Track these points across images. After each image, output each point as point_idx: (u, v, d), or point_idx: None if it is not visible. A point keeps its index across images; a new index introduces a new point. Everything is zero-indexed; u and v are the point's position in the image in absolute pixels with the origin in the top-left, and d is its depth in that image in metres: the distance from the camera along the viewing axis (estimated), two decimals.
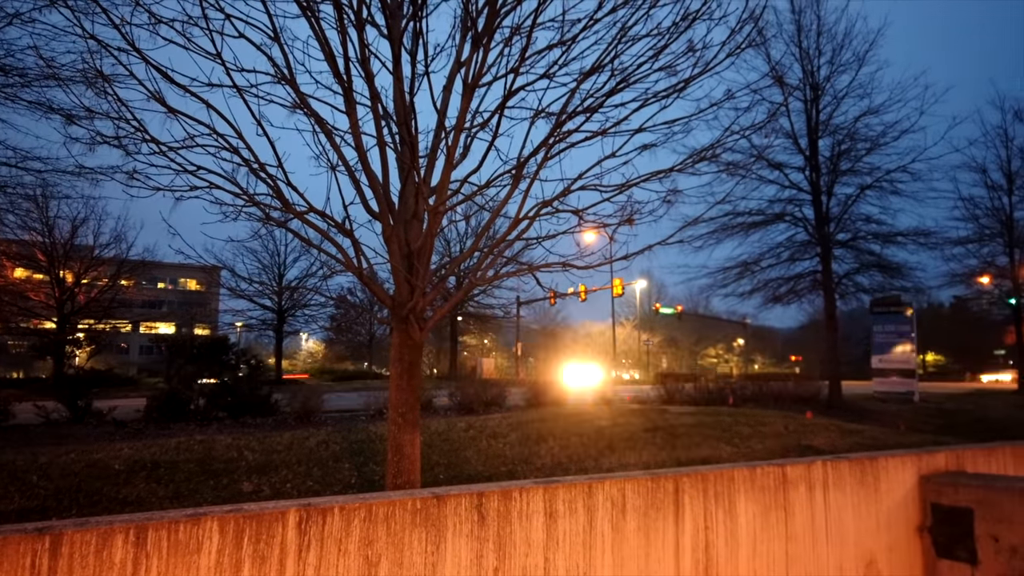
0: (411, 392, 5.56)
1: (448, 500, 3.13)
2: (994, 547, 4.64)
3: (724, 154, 6.51)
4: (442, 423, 11.95)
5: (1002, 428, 20.75)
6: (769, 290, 24.47)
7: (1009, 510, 4.59)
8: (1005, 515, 4.61)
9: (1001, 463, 5.87)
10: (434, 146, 5.69)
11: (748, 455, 10.90)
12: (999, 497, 4.66)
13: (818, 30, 22.82)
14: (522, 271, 6.23)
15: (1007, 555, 4.57)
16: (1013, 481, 4.94)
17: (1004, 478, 5.24)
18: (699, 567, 3.85)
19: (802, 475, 4.44)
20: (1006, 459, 5.93)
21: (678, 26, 5.38)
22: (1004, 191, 25.37)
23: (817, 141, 23.05)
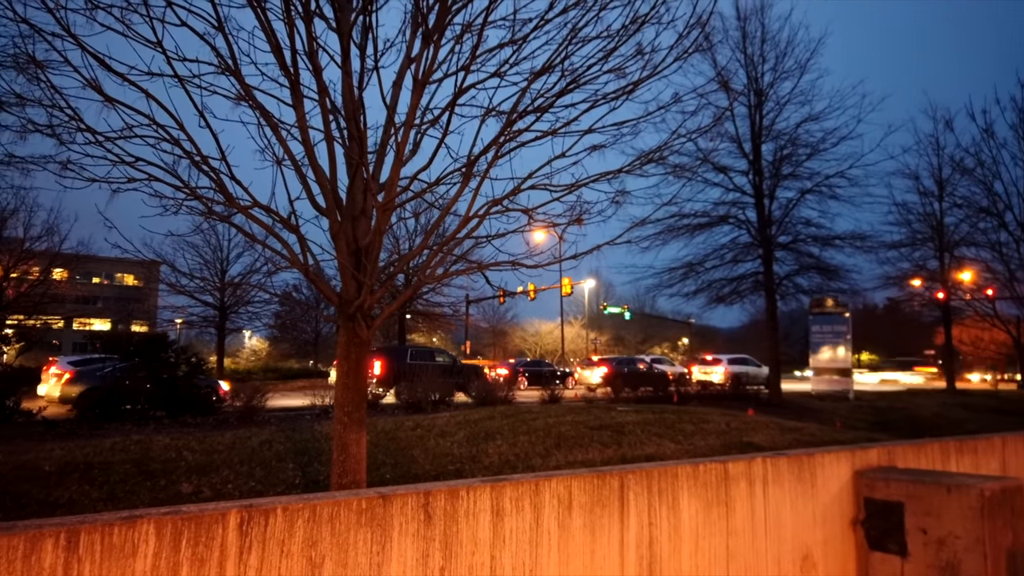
0: (357, 391, 5.50)
1: (394, 499, 3.10)
2: (923, 539, 4.83)
3: (671, 156, 6.63)
4: (389, 422, 11.85)
5: (931, 425, 21.67)
6: (713, 290, 24.99)
7: (937, 504, 4.79)
8: (933, 509, 4.81)
9: (930, 458, 6.13)
10: (383, 142, 5.64)
11: (691, 452, 11.12)
12: (927, 491, 4.86)
13: (762, 37, 23.42)
14: (472, 269, 6.22)
15: (935, 547, 4.77)
16: (941, 476, 5.16)
17: (932, 473, 5.47)
18: (643, 563, 3.91)
19: (743, 471, 4.55)
20: (934, 455, 6.19)
21: (627, 29, 5.45)
22: (935, 197, 26.45)
23: (760, 146, 23.65)
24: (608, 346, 71.62)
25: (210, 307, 36.46)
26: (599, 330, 70.34)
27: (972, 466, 6.53)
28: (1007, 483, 4.93)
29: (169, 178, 4.91)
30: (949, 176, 25.51)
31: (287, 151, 5.27)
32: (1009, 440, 7.17)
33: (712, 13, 5.68)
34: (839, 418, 20.69)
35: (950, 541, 4.69)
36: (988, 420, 23.83)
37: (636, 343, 73.75)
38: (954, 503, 4.71)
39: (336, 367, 5.63)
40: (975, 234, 19.70)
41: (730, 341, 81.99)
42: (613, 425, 12.25)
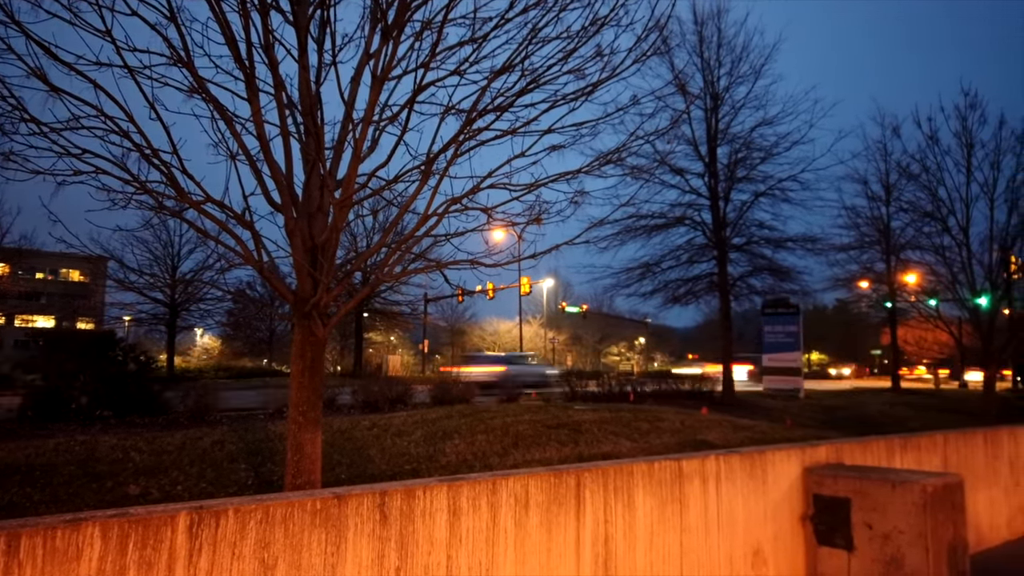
0: (313, 390, 5.42)
1: (350, 500, 3.07)
2: (868, 534, 4.98)
3: (629, 158, 6.70)
4: (345, 421, 11.72)
5: (877, 423, 22.34)
6: (669, 291, 25.33)
7: (882, 500, 4.94)
8: (879, 504, 4.96)
9: (875, 455, 6.31)
10: (341, 138, 5.57)
11: (647, 450, 11.26)
12: (873, 487, 5.01)
13: (719, 42, 23.82)
14: (430, 268, 6.19)
15: (880, 541, 4.91)
16: (886, 472, 5.32)
17: (878, 470, 5.63)
18: (599, 560, 3.94)
19: (697, 469, 4.62)
20: (880, 452, 6.38)
21: (587, 30, 5.48)
22: (883, 202, 27.28)
23: (716, 149, 24.05)
24: (566, 345, 72.08)
25: (160, 304, 35.58)
26: (557, 329, 70.71)
27: (915, 463, 6.74)
28: (948, 479, 5.11)
29: (118, 171, 4.77)
30: (896, 181, 26.32)
31: (241, 146, 5.17)
32: (950, 437, 7.43)
33: (670, 17, 5.75)
34: (790, 416, 21.18)
35: (894, 536, 4.84)
36: (931, 418, 24.66)
37: (594, 342, 74.37)
38: (898, 499, 4.86)
39: (291, 366, 5.55)
40: (920, 238, 20.37)
41: (685, 341, 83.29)
42: (570, 424, 12.33)
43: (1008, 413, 24.30)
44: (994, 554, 7.30)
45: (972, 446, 7.69)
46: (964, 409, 27.62)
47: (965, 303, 18.55)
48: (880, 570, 4.86)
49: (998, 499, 7.91)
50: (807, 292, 28.28)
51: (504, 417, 12.57)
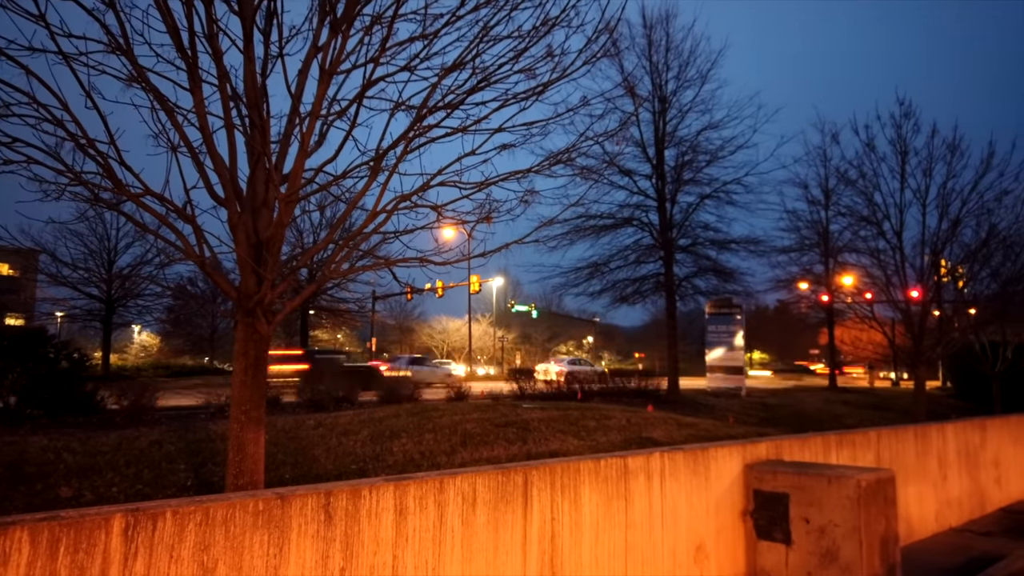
0: (256, 388, 5.31)
1: (293, 500, 3.02)
2: (805, 528, 5.13)
3: (579, 158, 6.75)
4: (290, 421, 11.51)
5: (815, 420, 23.05)
6: (617, 290, 25.64)
7: (819, 495, 5.10)
8: (815, 499, 5.12)
9: (813, 452, 6.51)
10: (287, 132, 5.46)
11: (594, 448, 11.37)
12: (811, 483, 5.16)
13: (667, 46, 24.20)
14: (378, 265, 6.13)
15: (816, 535, 5.07)
16: (823, 468, 5.50)
17: (815, 465, 5.81)
18: (545, 557, 3.97)
19: (642, 466, 4.69)
20: (817, 448, 6.59)
21: (538, 30, 5.50)
22: (822, 206, 28.18)
23: (663, 151, 24.44)
24: (515, 344, 72.30)
25: (95, 300, 34.33)
26: (507, 328, 70.87)
27: (850, 458, 6.98)
28: (881, 474, 5.30)
29: (51, 161, 4.58)
30: (835, 186, 27.20)
31: (183, 137, 5.02)
32: (883, 434, 7.72)
33: (620, 20, 5.82)
34: (732, 414, 21.69)
35: (830, 529, 5.00)
36: (866, 415, 25.59)
37: (543, 341, 74.78)
38: (834, 493, 5.03)
39: (234, 364, 5.42)
40: (857, 241, 21.03)
41: (632, 340, 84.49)
42: (519, 422, 12.37)
43: (937, 411, 25.39)
44: (923, 546, 7.61)
45: (903, 442, 8.00)
46: (896, 407, 28.76)
47: (898, 305, 19.28)
48: (816, 563, 5.02)
49: (927, 493, 8.25)
50: (749, 293, 29.04)
51: (452, 416, 12.53)
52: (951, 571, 6.56)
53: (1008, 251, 19.40)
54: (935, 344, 19.02)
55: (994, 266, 19.62)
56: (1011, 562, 6.48)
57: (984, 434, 9.85)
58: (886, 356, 41.85)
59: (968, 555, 7.16)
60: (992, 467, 9.88)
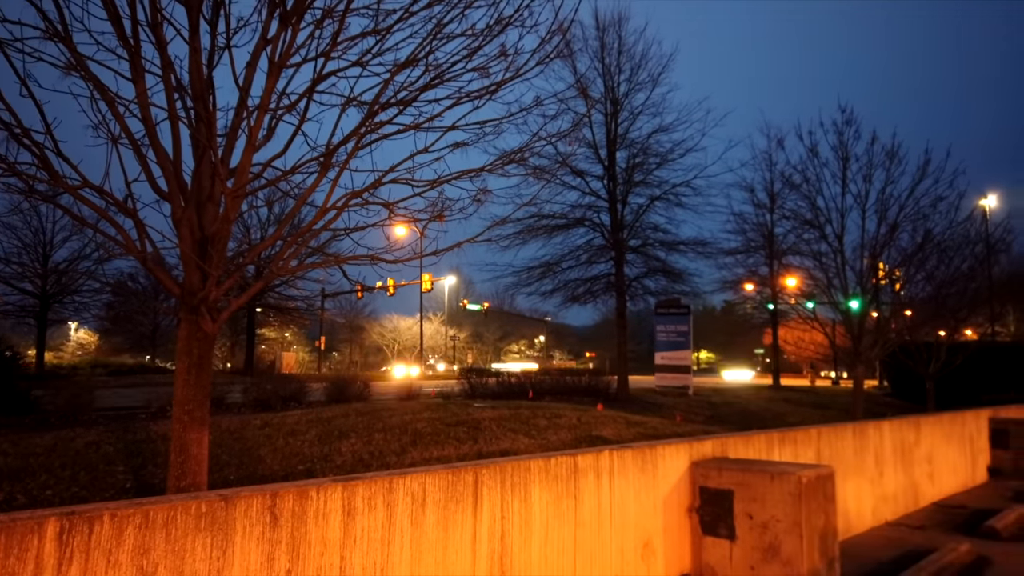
0: (200, 388, 5.17)
1: (238, 502, 2.95)
2: (749, 523, 5.25)
3: (532, 158, 6.78)
4: (235, 421, 11.26)
5: (759, 418, 23.63)
6: (569, 290, 25.84)
7: (762, 491, 5.23)
8: (758, 495, 5.24)
9: (757, 449, 6.67)
10: (234, 125, 5.33)
11: (544, 446, 11.43)
12: (754, 479, 5.28)
13: (619, 49, 24.49)
14: (328, 263, 6.05)
15: (759, 530, 5.19)
16: (766, 465, 5.63)
17: (759, 462, 5.95)
18: (494, 556, 3.97)
19: (591, 464, 4.73)
20: (761, 445, 6.75)
21: (492, 29, 5.50)
22: (767, 209, 28.82)
23: (615, 153, 24.73)
24: (467, 343, 72.18)
25: (29, 296, 32.97)
26: (459, 327, 70.70)
27: (792, 455, 7.18)
28: (821, 471, 5.46)
29: None
30: (780, 190, 27.80)
31: (124, 128, 4.86)
32: (824, 431, 7.95)
33: (573, 21, 5.86)
34: (679, 412, 22.07)
35: (772, 524, 5.13)
36: (807, 414, 26.36)
37: (495, 340, 74.84)
38: (776, 489, 5.16)
39: (177, 362, 5.27)
40: (800, 244, 21.62)
41: (583, 339, 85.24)
42: (470, 421, 12.35)
43: (875, 409, 26.29)
44: (860, 539, 7.87)
45: (842, 440, 8.25)
46: (836, 405, 29.70)
47: (839, 306, 19.88)
48: (759, 557, 5.14)
49: (864, 489, 8.54)
50: (697, 293, 29.61)
51: (402, 415, 12.45)
52: (887, 564, 6.79)
53: (942, 255, 20.20)
54: (873, 345, 19.67)
55: (929, 269, 20.41)
56: (942, 555, 6.75)
57: (918, 432, 10.24)
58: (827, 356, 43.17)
59: (903, 548, 7.43)
60: (925, 463, 10.27)
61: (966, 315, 24.07)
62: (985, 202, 30.59)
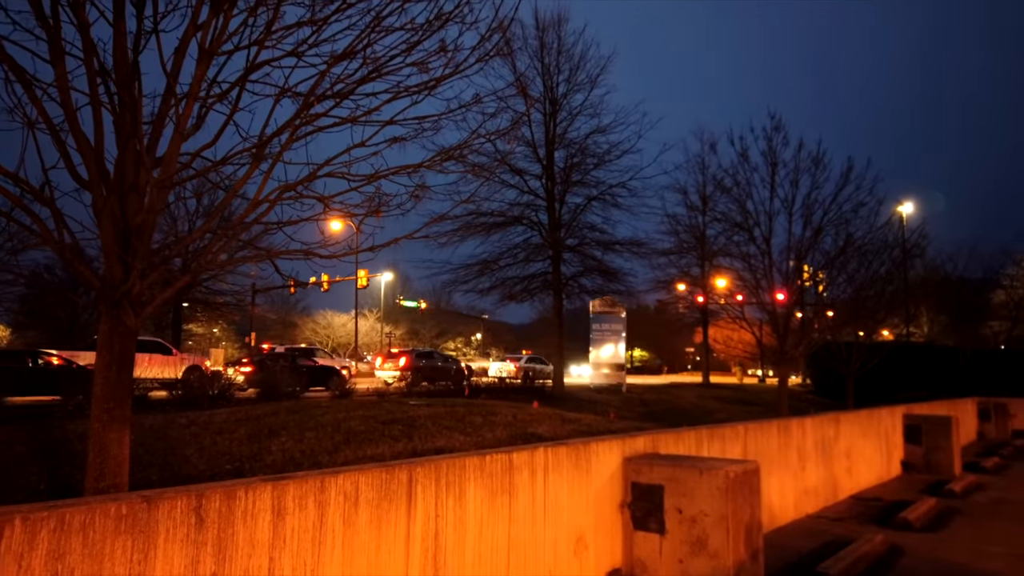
0: (121, 385, 4.97)
1: (161, 503, 2.84)
2: (678, 518, 5.38)
3: (471, 155, 6.76)
4: (159, 419, 10.86)
5: (690, 415, 24.23)
6: (506, 288, 25.92)
7: (691, 486, 5.36)
8: (688, 490, 5.37)
9: (687, 445, 6.83)
10: (162, 113, 5.13)
11: (480, 444, 11.43)
12: (684, 474, 5.41)
13: (558, 49, 24.70)
14: (260, 257, 5.89)
15: (688, 524, 5.32)
16: (695, 460, 5.78)
17: (689, 458, 6.10)
18: (428, 555, 3.95)
19: (526, 461, 4.76)
20: (690, 441, 6.92)
21: (432, 24, 5.46)
22: (700, 211, 29.56)
23: (553, 152, 24.94)
24: (403, 340, 71.48)
25: None
26: (395, 324, 69.94)
27: (720, 451, 7.38)
28: (747, 466, 5.64)
29: None
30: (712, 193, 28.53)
31: (42, 113, 4.62)
32: (751, 427, 8.21)
33: (513, 20, 5.88)
34: (613, 409, 22.43)
35: (700, 518, 5.26)
36: (735, 410, 27.18)
37: (431, 337, 74.37)
38: (705, 484, 5.30)
39: (96, 359, 5.04)
40: (730, 246, 22.27)
41: (520, 337, 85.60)
42: (405, 419, 12.25)
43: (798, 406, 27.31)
44: (783, 532, 8.17)
45: (768, 435, 8.54)
46: (762, 402, 30.73)
47: (765, 306, 20.56)
48: (687, 551, 5.27)
49: (788, 483, 8.86)
50: (632, 293, 30.16)
51: (335, 413, 12.24)
52: (807, 555, 7.07)
53: (862, 258, 21.14)
54: (797, 344, 20.42)
55: (850, 272, 21.32)
56: (859, 545, 7.07)
57: (838, 427, 10.69)
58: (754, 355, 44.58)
59: (823, 539, 7.74)
60: (844, 458, 10.73)
61: (883, 316, 25.28)
62: (902, 208, 32.18)
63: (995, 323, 33.66)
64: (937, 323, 39.11)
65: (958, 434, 13.36)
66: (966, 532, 8.39)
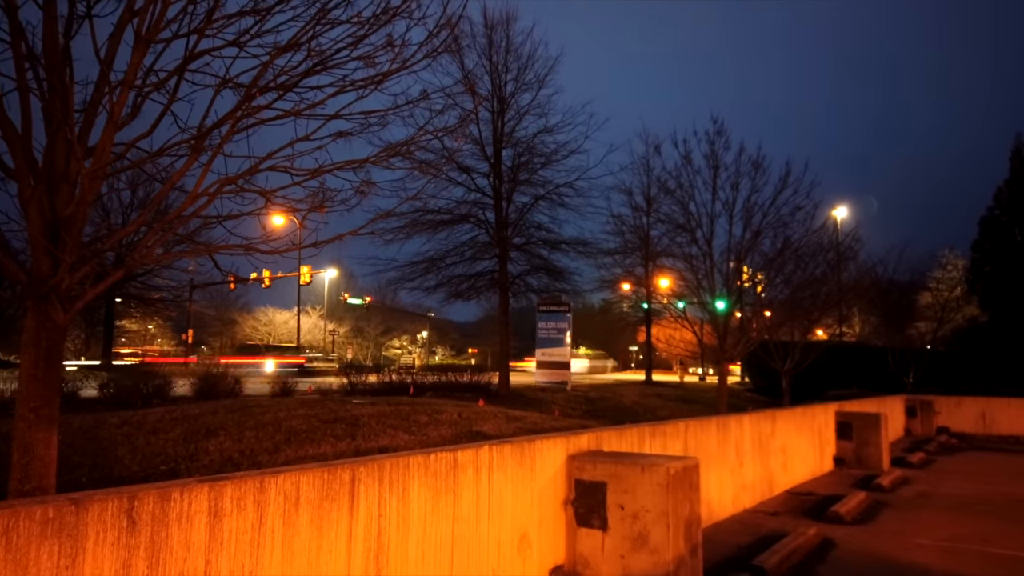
0: (48, 383, 4.76)
1: (91, 506, 2.74)
2: (620, 514, 5.46)
3: (418, 152, 6.72)
4: (89, 419, 10.46)
5: (632, 412, 24.61)
6: (452, 286, 25.82)
7: (632, 482, 5.44)
8: (629, 486, 5.45)
9: (630, 442, 6.94)
10: (94, 101, 4.93)
11: (424, 443, 11.37)
12: (626, 471, 5.50)
13: (507, 48, 24.71)
14: (198, 251, 5.73)
15: (630, 520, 5.41)
16: (638, 457, 5.87)
17: (631, 455, 6.19)
18: (370, 554, 3.91)
19: (471, 459, 4.75)
20: (633, 438, 7.02)
21: (379, 18, 5.39)
22: (644, 212, 29.97)
23: (501, 151, 24.95)
24: (347, 337, 70.56)
25: None
26: (339, 321, 68.94)
27: (662, 447, 7.52)
28: (687, 462, 5.75)
29: None
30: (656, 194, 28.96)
31: None
32: (691, 424, 8.39)
33: (461, 17, 5.85)
34: (558, 407, 22.61)
35: (642, 514, 5.35)
36: (676, 408, 27.71)
37: (376, 335, 73.60)
38: (646, 481, 5.39)
39: (22, 356, 4.82)
40: (673, 247, 22.66)
41: (466, 335, 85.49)
42: (348, 418, 12.09)
43: (737, 404, 28.02)
44: (721, 526, 8.37)
45: (707, 432, 8.74)
46: (702, 400, 31.41)
47: (706, 306, 21.02)
48: (629, 546, 5.36)
49: (726, 478, 9.08)
50: (577, 292, 30.42)
51: (276, 412, 12.00)
52: (744, 548, 7.27)
53: (799, 260, 21.82)
54: (736, 343, 20.95)
55: (787, 273, 21.98)
56: (793, 538, 7.30)
57: (774, 424, 11.01)
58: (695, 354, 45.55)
59: (758, 533, 7.97)
60: (780, 454, 11.07)
61: (818, 316, 26.13)
62: (837, 213, 33.33)
63: (921, 324, 35.17)
64: (868, 324, 40.67)
65: (887, 430, 13.93)
66: (893, 525, 8.75)
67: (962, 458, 16.27)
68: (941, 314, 34.13)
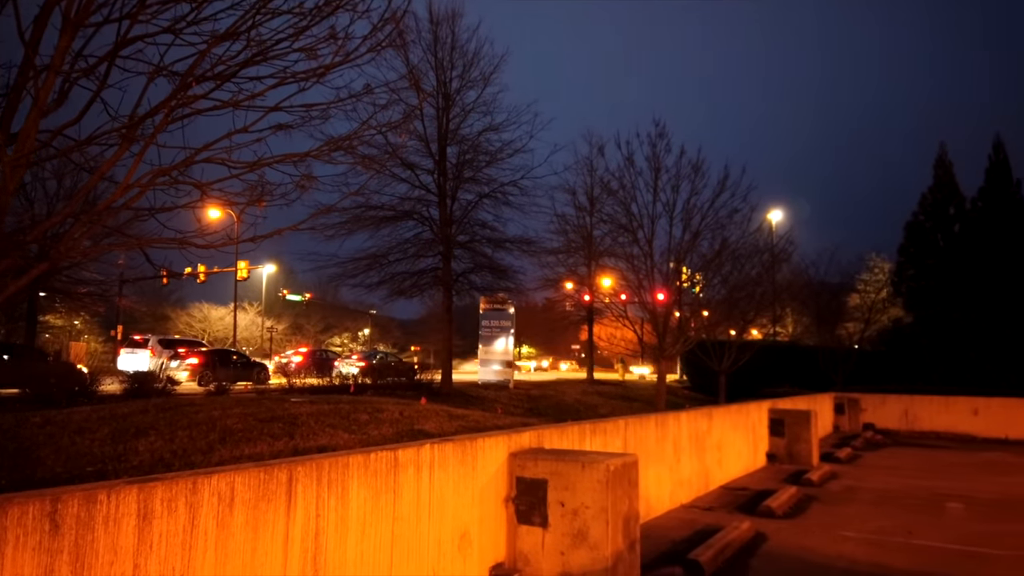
0: None
1: (10, 509, 2.61)
2: (561, 511, 5.50)
3: (361, 147, 6.62)
4: (9, 418, 9.97)
5: (574, 410, 24.85)
6: (395, 283, 25.57)
7: (573, 479, 5.49)
8: (570, 483, 5.50)
9: (571, 439, 7.00)
10: (18, 86, 4.71)
11: (365, 442, 11.23)
12: (567, 468, 5.54)
13: (452, 45, 24.60)
14: (128, 245, 5.53)
15: (570, 517, 5.46)
16: (578, 455, 5.93)
17: (572, 452, 6.25)
18: (307, 555, 3.84)
19: (412, 458, 4.72)
20: (574, 436, 7.09)
21: (321, 10, 5.30)
22: (588, 212, 30.28)
23: (446, 148, 24.83)
24: (286, 335, 69.09)
25: None
26: (277, 318, 67.46)
27: (602, 445, 7.62)
28: (627, 459, 5.84)
29: None
30: (599, 195, 29.34)
31: None
32: (631, 422, 8.52)
33: (406, 12, 5.80)
34: (500, 405, 22.66)
35: (582, 511, 5.41)
36: (617, 405, 28.12)
37: (316, 332, 72.31)
38: (587, 478, 5.44)
39: None
40: (615, 247, 22.98)
41: (409, 333, 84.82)
42: (286, 417, 11.85)
43: (675, 401, 28.62)
44: (659, 522, 8.53)
45: (646, 429, 8.89)
46: (642, 397, 31.96)
47: (646, 305, 21.39)
48: (569, 543, 5.41)
49: (664, 475, 9.26)
50: (521, 290, 30.50)
51: (211, 411, 11.67)
52: (680, 543, 7.43)
53: (736, 262, 22.43)
54: (675, 342, 21.39)
55: (724, 274, 22.57)
56: (727, 532, 7.50)
57: (711, 421, 11.28)
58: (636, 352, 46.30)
59: (694, 528, 8.16)
60: (716, 450, 11.35)
61: (753, 316, 26.93)
62: (772, 216, 34.37)
63: (850, 324, 36.53)
64: (800, 324, 42.02)
65: (816, 427, 14.44)
66: (822, 518, 9.08)
67: (887, 453, 16.99)
68: (868, 315, 35.53)
